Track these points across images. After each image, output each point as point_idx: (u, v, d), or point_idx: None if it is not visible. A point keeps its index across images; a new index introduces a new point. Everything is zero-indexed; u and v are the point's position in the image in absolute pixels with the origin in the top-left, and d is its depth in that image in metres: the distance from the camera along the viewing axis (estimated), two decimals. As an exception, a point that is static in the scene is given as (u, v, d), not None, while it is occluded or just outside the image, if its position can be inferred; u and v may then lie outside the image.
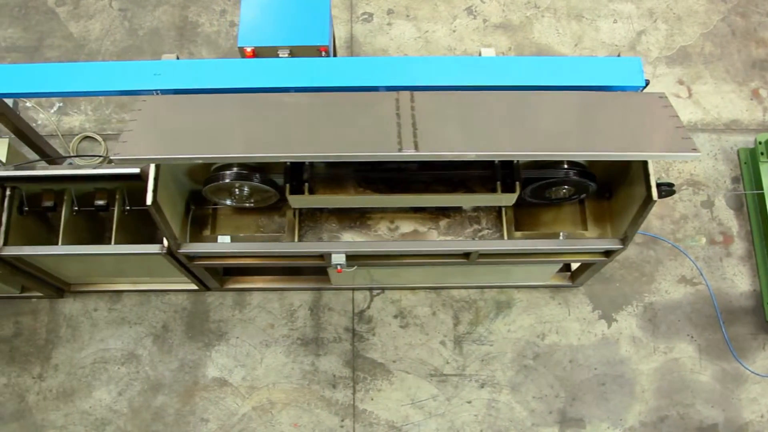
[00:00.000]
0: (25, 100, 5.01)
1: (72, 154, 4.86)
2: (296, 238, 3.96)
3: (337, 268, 3.83)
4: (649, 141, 3.15)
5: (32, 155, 4.42)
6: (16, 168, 3.99)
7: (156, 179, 3.42)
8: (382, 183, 3.70)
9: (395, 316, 4.58)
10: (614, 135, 3.21)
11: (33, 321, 4.67)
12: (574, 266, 4.60)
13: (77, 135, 4.97)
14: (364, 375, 4.46)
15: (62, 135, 4.97)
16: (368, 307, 4.60)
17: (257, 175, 3.65)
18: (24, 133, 4.25)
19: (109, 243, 4.00)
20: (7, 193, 3.97)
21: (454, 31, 5.18)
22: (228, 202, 3.92)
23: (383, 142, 3.04)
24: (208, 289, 4.59)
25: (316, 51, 4.12)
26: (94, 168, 3.64)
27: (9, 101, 3.94)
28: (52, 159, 4.58)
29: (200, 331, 4.58)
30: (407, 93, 3.30)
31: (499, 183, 3.62)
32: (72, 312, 4.67)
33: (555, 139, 3.19)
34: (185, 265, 4.07)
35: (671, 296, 4.65)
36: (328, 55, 4.17)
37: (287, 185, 3.61)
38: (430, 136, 3.06)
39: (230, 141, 3.18)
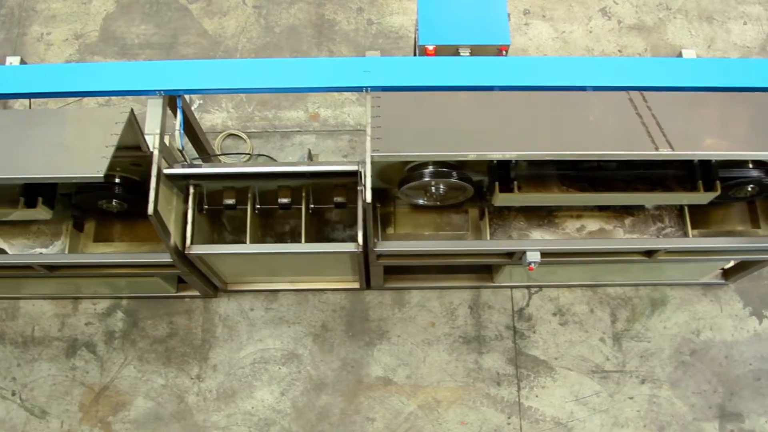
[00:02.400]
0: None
1: (218, 152, 4.81)
2: (488, 236, 3.98)
3: (529, 265, 3.85)
4: None
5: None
6: (201, 165, 3.95)
7: (371, 177, 3.43)
8: (583, 181, 3.74)
9: (554, 314, 4.62)
10: None
11: (188, 321, 4.61)
12: (729, 264, 4.69)
13: (220, 133, 4.91)
14: (528, 372, 4.49)
15: (204, 132, 4.91)
16: (527, 305, 4.63)
17: (455, 173, 3.67)
18: (193, 130, 4.21)
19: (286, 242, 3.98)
20: (191, 190, 3.92)
21: (590, 32, 5.24)
22: (420, 201, 3.93)
23: (636, 141, 3.09)
24: (369, 288, 4.58)
25: (496, 50, 4.13)
26: (309, 165, 3.60)
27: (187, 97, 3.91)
28: (207, 156, 4.53)
29: (361, 330, 4.56)
30: (637, 93, 3.35)
31: (700, 182, 3.68)
32: (227, 312, 4.61)
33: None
34: (368, 263, 4.07)
35: (816, 292, 4.76)
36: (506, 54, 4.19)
37: (496, 183, 3.63)
38: (680, 134, 3.11)
39: (475, 138, 3.19)
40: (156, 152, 3.49)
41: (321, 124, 4.93)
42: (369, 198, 3.39)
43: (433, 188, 3.76)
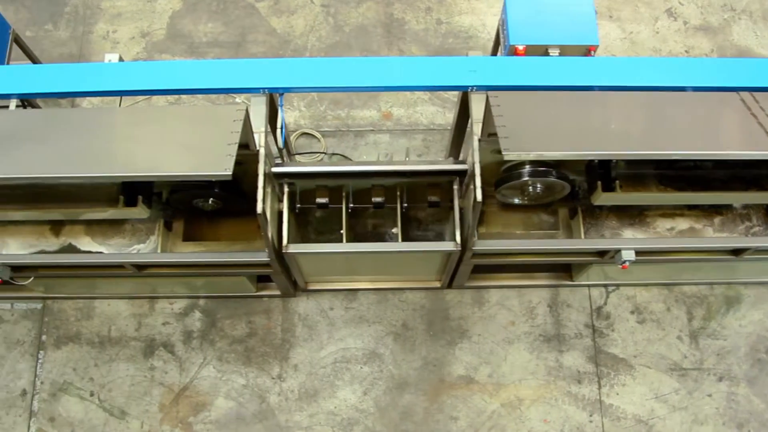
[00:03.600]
0: (234, 95, 4.91)
1: (296, 152, 4.79)
2: (582, 235, 4.00)
3: (623, 264, 3.87)
4: None
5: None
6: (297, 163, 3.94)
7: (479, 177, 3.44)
8: (680, 181, 3.77)
9: (632, 312, 4.65)
10: None
11: (266, 320, 4.59)
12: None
13: (294, 132, 4.90)
14: (608, 370, 4.52)
15: (277, 132, 4.89)
16: (605, 303, 4.66)
17: (553, 172, 3.69)
18: (275, 128, 4.19)
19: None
20: (286, 189, 3.91)
21: (657, 33, 5.28)
22: (516, 200, 3.94)
23: (756, 140, 3.12)
24: (450, 287, 4.58)
25: (584, 50, 4.16)
26: (428, 164, 3.60)
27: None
28: (289, 155, 4.51)
29: (441, 329, 4.57)
30: (747, 93, 3.39)
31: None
32: (307, 311, 4.60)
33: None
34: (460, 262, 4.07)
35: None
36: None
37: (598, 182, 3.65)
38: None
39: (599, 136, 3.21)
40: (262, 150, 3.48)
41: (394, 123, 4.93)
42: (480, 197, 3.41)
43: (530, 188, 3.78)
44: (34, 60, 4.67)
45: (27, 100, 4.21)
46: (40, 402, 4.47)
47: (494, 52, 4.59)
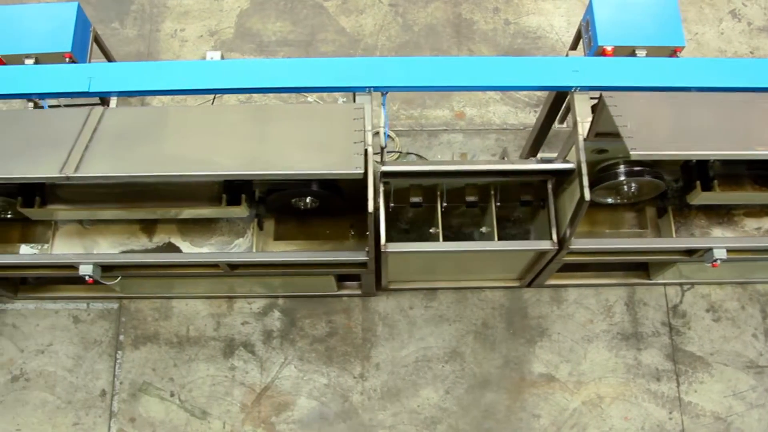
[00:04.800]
0: (306, 94, 4.91)
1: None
2: (673, 234, 4.04)
3: (714, 262, 3.92)
4: None
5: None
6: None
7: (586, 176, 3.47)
8: (775, 180, 3.81)
9: (707, 310, 4.69)
10: None
11: (347, 320, 4.59)
12: None
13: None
14: (685, 368, 4.56)
15: (350, 131, 4.89)
16: (681, 302, 4.70)
17: (649, 171, 3.73)
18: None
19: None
20: (381, 188, 3.91)
21: (722, 34, 5.33)
22: (609, 200, 3.97)
23: None
24: (529, 286, 4.60)
25: (670, 51, 4.20)
26: (524, 164, 3.62)
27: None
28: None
29: (521, 328, 4.59)
30: None
31: None
32: (387, 310, 4.61)
33: None
34: (551, 261, 4.10)
35: None
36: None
37: (697, 182, 3.70)
38: None
39: (717, 136, 3.25)
40: (370, 149, 3.48)
41: (467, 122, 4.95)
42: (588, 196, 3.43)
43: (625, 187, 3.81)
44: (110, 58, 4.63)
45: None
46: (119, 402, 4.44)
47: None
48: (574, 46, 4.55)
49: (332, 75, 3.52)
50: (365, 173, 3.35)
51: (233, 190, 3.63)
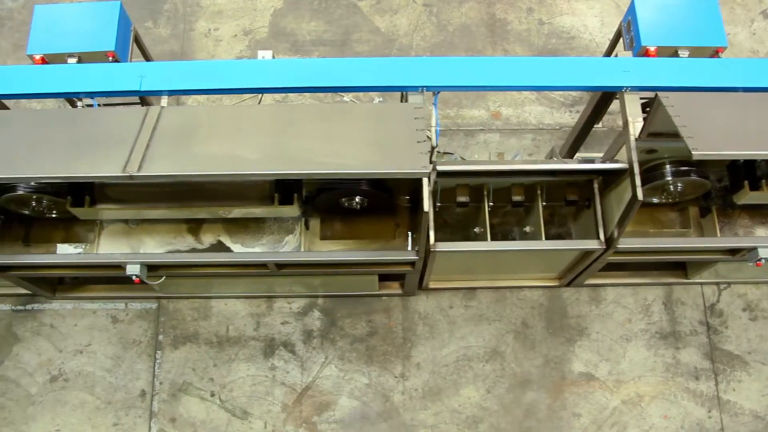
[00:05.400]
0: (341, 94, 4.90)
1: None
2: (718, 233, 4.06)
3: (758, 261, 3.94)
4: None
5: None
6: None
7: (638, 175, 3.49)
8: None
9: (744, 309, 4.72)
10: None
11: (386, 319, 4.59)
12: None
13: (404, 131, 4.90)
14: (723, 366, 4.59)
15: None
16: (717, 300, 4.73)
17: (696, 171, 3.75)
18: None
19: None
20: (429, 188, 3.91)
21: (753, 34, 5.37)
22: (654, 200, 3.99)
23: None
24: (569, 285, 4.61)
25: (712, 51, 4.21)
26: (576, 164, 3.63)
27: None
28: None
29: (560, 327, 4.60)
30: None
31: None
32: (426, 309, 4.61)
33: None
34: (595, 260, 4.11)
35: None
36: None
37: (746, 181, 3.72)
38: None
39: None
40: (426, 149, 3.48)
41: (503, 122, 4.96)
42: (640, 195, 3.45)
43: (671, 187, 3.83)
44: (148, 57, 4.62)
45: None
46: (159, 403, 4.43)
47: (609, 53, 4.63)
48: (612, 46, 4.57)
49: (384, 74, 3.52)
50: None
51: (284, 189, 3.63)
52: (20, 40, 5.23)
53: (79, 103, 3.78)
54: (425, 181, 3.42)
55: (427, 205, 3.38)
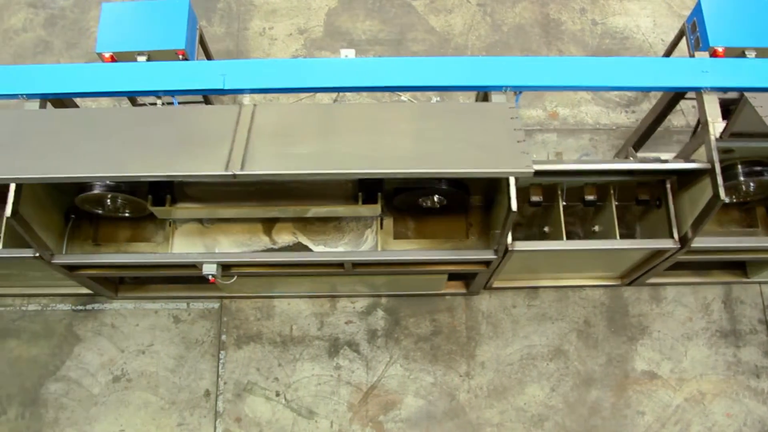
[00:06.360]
0: (400, 93, 4.91)
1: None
2: (791, 233, 4.11)
3: (829, 261, 3.98)
4: None
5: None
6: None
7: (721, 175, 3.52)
8: None
9: (801, 308, 4.78)
10: None
11: (450, 318, 4.59)
12: None
13: (462, 130, 4.91)
14: (783, 365, 4.64)
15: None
16: (775, 299, 4.78)
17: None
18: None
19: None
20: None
21: (802, 36, 5.41)
22: (726, 199, 4.02)
23: None
24: (630, 284, 4.64)
25: (779, 52, 4.25)
26: (654, 164, 3.65)
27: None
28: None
29: (622, 326, 4.63)
30: None
31: None
32: (489, 309, 4.62)
33: None
34: (665, 259, 4.14)
35: None
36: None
37: (824, 181, 3.76)
38: None
39: None
40: (511, 149, 3.49)
41: (560, 122, 4.98)
42: (723, 195, 3.48)
43: (744, 186, 3.87)
44: (209, 56, 4.60)
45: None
46: (224, 402, 4.41)
47: (669, 53, 4.66)
48: (673, 46, 4.60)
49: (466, 74, 3.53)
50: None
51: (367, 188, 3.63)
52: (73, 38, 5.19)
53: (158, 102, 3.78)
54: (512, 180, 3.44)
55: (514, 203, 3.39)
